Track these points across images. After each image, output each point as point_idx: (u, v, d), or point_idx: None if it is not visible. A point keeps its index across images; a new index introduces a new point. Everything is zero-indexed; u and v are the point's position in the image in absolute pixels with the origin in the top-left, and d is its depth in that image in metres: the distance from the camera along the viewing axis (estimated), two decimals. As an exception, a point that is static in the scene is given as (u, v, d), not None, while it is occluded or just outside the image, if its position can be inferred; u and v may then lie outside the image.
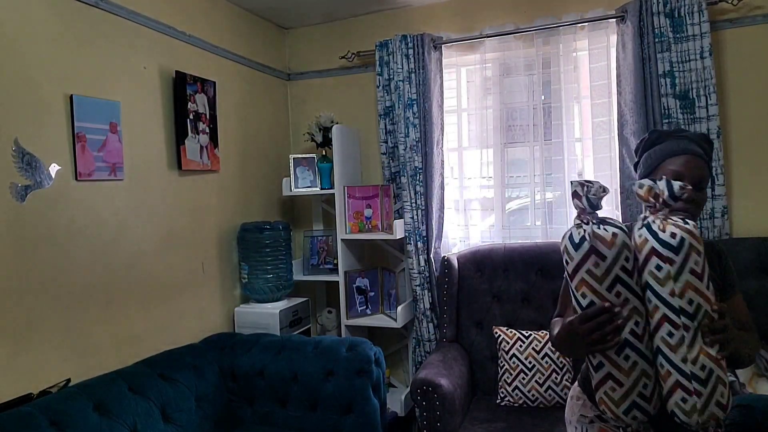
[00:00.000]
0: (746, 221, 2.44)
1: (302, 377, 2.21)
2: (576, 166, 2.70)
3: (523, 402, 2.29)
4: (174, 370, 2.04)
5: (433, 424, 2.10)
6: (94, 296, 1.97)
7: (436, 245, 2.83)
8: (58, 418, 1.57)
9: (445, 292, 2.63)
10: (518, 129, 2.83)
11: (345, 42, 3.14)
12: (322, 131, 2.91)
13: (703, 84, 2.36)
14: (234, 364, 2.29)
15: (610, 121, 2.58)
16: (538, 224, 2.75)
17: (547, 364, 2.28)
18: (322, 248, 3.07)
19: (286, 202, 3.25)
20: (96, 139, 1.97)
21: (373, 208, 2.88)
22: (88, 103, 1.94)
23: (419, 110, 2.80)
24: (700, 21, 2.34)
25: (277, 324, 2.60)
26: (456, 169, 2.95)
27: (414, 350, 2.87)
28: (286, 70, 3.32)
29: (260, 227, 2.69)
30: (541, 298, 2.51)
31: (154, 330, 2.24)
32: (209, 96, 2.54)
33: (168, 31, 2.35)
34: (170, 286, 2.33)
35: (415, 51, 2.81)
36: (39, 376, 1.75)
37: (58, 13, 1.87)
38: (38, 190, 1.77)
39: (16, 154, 1.70)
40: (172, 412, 1.92)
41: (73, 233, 1.89)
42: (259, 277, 2.67)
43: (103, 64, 2.03)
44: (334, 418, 2.15)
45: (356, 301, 2.87)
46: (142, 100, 2.21)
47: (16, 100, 1.72)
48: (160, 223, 2.29)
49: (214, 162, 2.58)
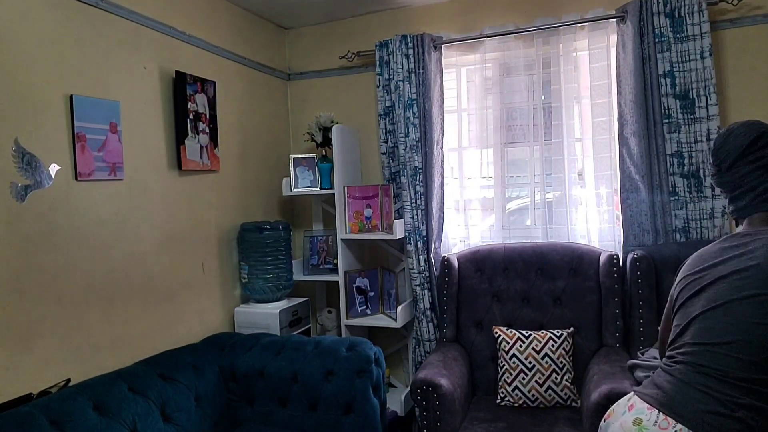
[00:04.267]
0: (746, 221, 2.44)
1: (302, 377, 2.21)
2: (576, 166, 2.71)
3: (523, 402, 2.29)
4: (174, 370, 2.04)
5: (433, 424, 2.10)
6: (94, 296, 1.97)
7: (436, 245, 2.83)
8: (58, 418, 1.57)
9: (445, 292, 2.63)
10: (518, 129, 2.83)
11: (345, 42, 3.14)
12: (322, 131, 2.91)
13: (703, 84, 2.36)
14: (234, 364, 2.29)
15: (610, 121, 2.58)
16: (538, 224, 2.75)
17: (547, 364, 2.28)
18: (322, 248, 3.07)
19: (286, 202, 3.26)
20: (96, 139, 1.97)
21: (373, 208, 2.88)
22: (88, 103, 1.94)
23: (419, 110, 2.80)
24: (700, 21, 2.34)
25: (277, 324, 2.60)
26: (456, 169, 2.95)
27: (414, 350, 2.87)
28: (286, 70, 3.32)
29: (260, 227, 2.69)
30: (541, 298, 2.51)
31: (154, 330, 2.24)
32: (209, 96, 2.54)
33: (168, 31, 2.35)
34: (170, 286, 2.33)
35: (415, 51, 2.81)
36: (39, 376, 1.75)
37: (58, 13, 1.87)
38: (38, 190, 1.77)
39: (16, 154, 1.70)
40: (172, 412, 1.92)
41: (73, 233, 1.89)
42: (259, 277, 2.67)
43: (103, 64, 2.03)
44: (334, 418, 2.15)
45: (356, 301, 2.87)
46: (142, 100, 2.21)
47: (16, 100, 1.72)
48: (160, 223, 2.29)
49: (214, 162, 2.58)
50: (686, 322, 1.31)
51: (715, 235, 2.38)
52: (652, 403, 1.25)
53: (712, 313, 1.26)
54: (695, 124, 2.39)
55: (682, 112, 2.39)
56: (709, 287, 1.29)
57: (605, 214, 2.65)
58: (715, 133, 2.35)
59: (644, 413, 1.25)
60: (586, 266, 2.47)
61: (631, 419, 1.26)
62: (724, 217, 2.38)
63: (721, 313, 1.24)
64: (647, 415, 1.24)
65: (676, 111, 2.40)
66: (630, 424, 1.25)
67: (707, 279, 1.31)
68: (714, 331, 1.24)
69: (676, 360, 1.30)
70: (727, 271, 1.27)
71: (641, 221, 2.48)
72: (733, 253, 1.29)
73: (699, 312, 1.28)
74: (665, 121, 2.41)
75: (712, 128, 2.36)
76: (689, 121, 2.39)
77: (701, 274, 1.33)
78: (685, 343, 1.29)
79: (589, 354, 2.37)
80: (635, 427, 1.24)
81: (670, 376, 1.28)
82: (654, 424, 1.21)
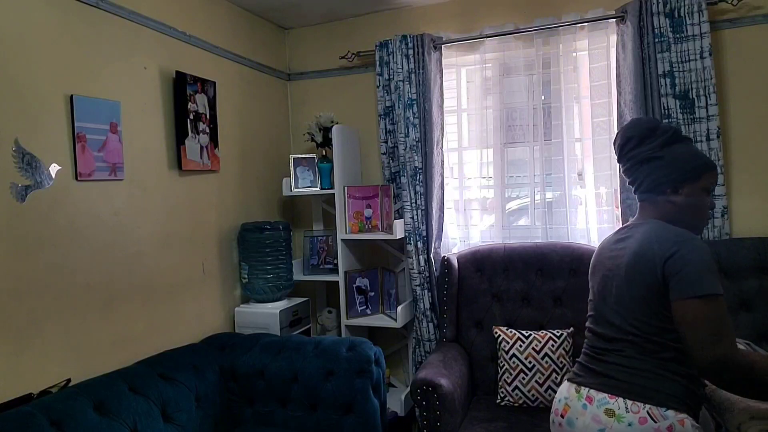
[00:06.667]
0: (746, 221, 2.44)
1: (302, 377, 2.21)
2: (576, 166, 2.71)
3: (523, 402, 2.29)
4: (174, 370, 2.04)
5: (433, 424, 2.10)
6: (94, 296, 1.97)
7: (436, 245, 2.83)
8: (58, 418, 1.57)
9: (445, 292, 2.63)
10: (518, 129, 2.83)
11: (345, 42, 3.14)
12: (322, 131, 2.91)
13: (703, 84, 2.36)
14: (234, 364, 2.29)
15: (610, 121, 2.58)
16: (538, 224, 2.75)
17: (547, 364, 2.28)
18: (322, 248, 3.07)
19: (286, 202, 3.26)
20: (96, 139, 1.97)
21: (373, 208, 2.88)
22: (88, 103, 1.94)
23: (419, 110, 2.80)
24: (700, 21, 2.35)
25: (277, 324, 2.60)
26: (456, 169, 2.95)
27: (414, 350, 2.87)
28: (286, 70, 3.32)
29: (260, 227, 2.69)
30: (541, 298, 2.51)
31: (154, 330, 2.24)
32: (209, 96, 2.54)
33: (168, 31, 2.35)
34: (170, 286, 2.33)
35: (415, 51, 2.81)
36: (39, 376, 1.75)
37: (58, 13, 1.87)
38: (38, 190, 1.77)
39: (16, 154, 1.70)
40: (172, 412, 1.92)
41: (73, 233, 1.89)
42: (259, 277, 2.67)
43: (103, 64, 2.03)
44: (335, 418, 2.15)
45: (356, 301, 2.88)
46: (142, 100, 2.21)
47: (16, 100, 1.72)
48: (160, 223, 2.29)
49: (214, 162, 2.58)
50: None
51: (714, 236, 2.39)
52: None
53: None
54: (695, 124, 2.39)
55: (682, 112, 2.40)
56: (599, 279, 1.57)
57: (605, 214, 2.65)
58: (715, 134, 2.36)
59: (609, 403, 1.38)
60: (586, 266, 2.44)
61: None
62: (724, 217, 2.38)
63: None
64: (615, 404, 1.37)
65: (675, 111, 2.40)
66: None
67: (600, 271, 1.57)
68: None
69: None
70: (609, 267, 1.53)
71: (641, 221, 2.48)
72: (616, 251, 1.52)
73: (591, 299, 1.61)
74: (665, 121, 2.41)
75: (711, 128, 2.36)
76: (689, 121, 2.40)
77: (598, 265, 1.61)
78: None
79: (589, 354, 2.37)
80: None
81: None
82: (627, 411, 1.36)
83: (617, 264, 1.48)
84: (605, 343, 1.47)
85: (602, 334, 1.49)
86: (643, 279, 1.38)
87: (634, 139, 1.51)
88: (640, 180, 1.52)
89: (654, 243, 1.38)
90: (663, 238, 1.37)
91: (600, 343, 1.49)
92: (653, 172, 1.48)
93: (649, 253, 1.37)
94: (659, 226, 1.43)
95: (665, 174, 1.46)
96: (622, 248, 1.49)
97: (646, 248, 1.39)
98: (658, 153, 1.47)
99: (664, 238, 1.37)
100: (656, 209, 1.50)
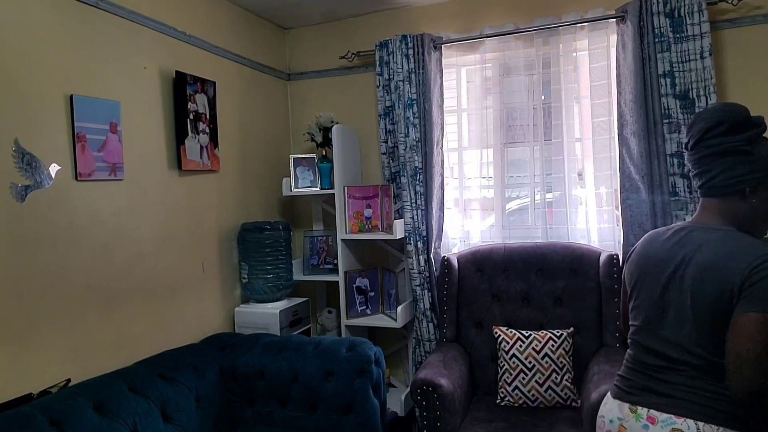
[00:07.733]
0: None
1: (302, 377, 2.21)
2: (576, 166, 2.71)
3: (523, 402, 2.29)
4: (174, 370, 2.04)
5: (433, 424, 2.10)
6: (94, 296, 1.96)
7: (436, 245, 2.83)
8: (58, 418, 1.57)
9: (445, 292, 2.63)
10: (518, 129, 2.83)
11: (345, 42, 3.14)
12: (322, 131, 2.91)
13: (703, 84, 2.36)
14: (234, 364, 2.29)
15: (610, 121, 2.58)
16: (538, 224, 2.75)
17: (547, 364, 2.28)
18: (322, 248, 3.07)
19: (286, 202, 3.26)
20: (96, 139, 1.97)
21: (373, 208, 2.88)
22: (88, 103, 1.94)
23: (419, 110, 2.80)
24: (700, 21, 2.34)
25: (277, 324, 2.60)
26: (456, 169, 2.95)
27: (414, 350, 2.87)
28: (286, 70, 3.32)
29: (260, 227, 2.69)
30: (541, 298, 2.51)
31: (154, 330, 2.24)
32: (209, 96, 2.54)
33: (168, 31, 2.35)
34: (170, 286, 2.33)
35: (415, 51, 2.81)
36: (39, 376, 1.75)
37: (58, 13, 1.87)
38: (38, 190, 1.77)
39: (16, 154, 1.70)
40: (172, 412, 1.92)
41: (73, 233, 1.89)
42: (259, 277, 2.67)
43: (103, 64, 2.03)
44: (334, 418, 2.15)
45: (356, 301, 2.87)
46: (142, 100, 2.21)
47: (16, 100, 1.72)
48: (160, 223, 2.29)
49: (214, 162, 2.58)
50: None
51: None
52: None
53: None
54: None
55: (682, 112, 2.39)
56: (650, 286, 1.40)
57: (605, 214, 2.65)
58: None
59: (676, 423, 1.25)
60: (586, 266, 2.47)
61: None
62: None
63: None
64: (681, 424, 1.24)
65: (676, 111, 2.40)
66: None
67: (651, 276, 1.40)
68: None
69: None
70: (665, 274, 1.36)
71: (641, 221, 2.48)
72: (672, 256, 1.35)
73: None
74: (665, 122, 2.41)
75: (712, 128, 2.36)
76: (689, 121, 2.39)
77: (646, 267, 1.43)
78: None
79: (589, 354, 2.37)
80: None
81: None
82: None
83: (677, 273, 1.32)
84: (663, 361, 1.32)
85: (658, 351, 1.34)
86: (713, 297, 1.23)
87: (725, 125, 1.30)
88: (715, 173, 1.32)
89: (731, 257, 1.22)
90: (744, 251, 1.22)
91: (656, 361, 1.34)
92: (735, 166, 1.29)
93: (724, 270, 1.22)
94: (738, 237, 1.28)
95: (748, 171, 1.28)
96: (681, 255, 1.32)
97: (721, 263, 1.23)
98: (746, 147, 1.29)
99: (745, 251, 1.22)
100: (727, 209, 1.33)
